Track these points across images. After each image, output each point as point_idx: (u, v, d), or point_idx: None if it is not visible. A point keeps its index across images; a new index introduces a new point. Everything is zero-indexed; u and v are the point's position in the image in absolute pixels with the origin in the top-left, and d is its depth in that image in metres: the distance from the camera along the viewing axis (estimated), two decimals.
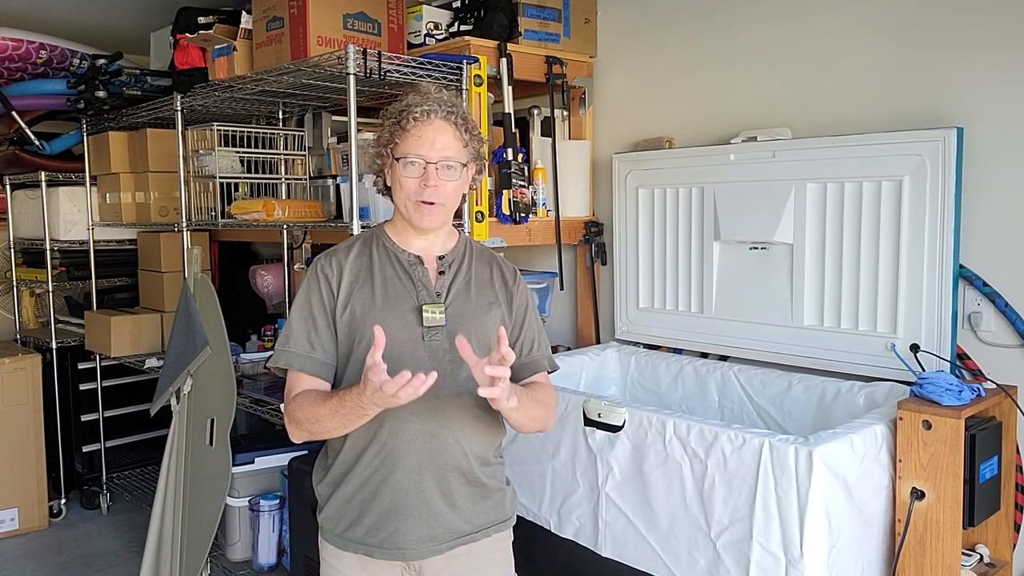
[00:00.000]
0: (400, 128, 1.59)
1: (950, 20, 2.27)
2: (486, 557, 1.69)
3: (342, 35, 2.66)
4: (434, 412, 1.59)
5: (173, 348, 3.15)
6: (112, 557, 3.61)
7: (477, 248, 1.77)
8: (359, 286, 1.63)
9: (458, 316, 1.64)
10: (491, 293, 1.70)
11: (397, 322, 1.60)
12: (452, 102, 1.63)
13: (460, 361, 1.59)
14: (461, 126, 1.62)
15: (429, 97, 1.61)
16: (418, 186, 1.59)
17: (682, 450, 1.95)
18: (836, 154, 2.36)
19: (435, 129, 1.59)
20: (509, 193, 2.76)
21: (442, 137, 1.59)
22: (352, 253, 1.67)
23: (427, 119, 1.58)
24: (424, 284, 1.64)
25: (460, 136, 1.62)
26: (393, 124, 1.61)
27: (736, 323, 2.65)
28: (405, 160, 1.59)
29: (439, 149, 1.59)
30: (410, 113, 1.59)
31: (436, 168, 1.59)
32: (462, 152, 1.62)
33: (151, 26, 3.84)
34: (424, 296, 1.63)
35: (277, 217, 2.93)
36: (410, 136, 1.59)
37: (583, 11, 3.08)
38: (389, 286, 1.63)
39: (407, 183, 1.60)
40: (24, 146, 4.08)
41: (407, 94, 1.64)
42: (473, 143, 1.65)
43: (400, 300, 1.62)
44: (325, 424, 1.53)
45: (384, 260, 1.66)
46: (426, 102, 1.60)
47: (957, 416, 1.82)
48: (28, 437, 3.88)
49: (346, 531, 1.64)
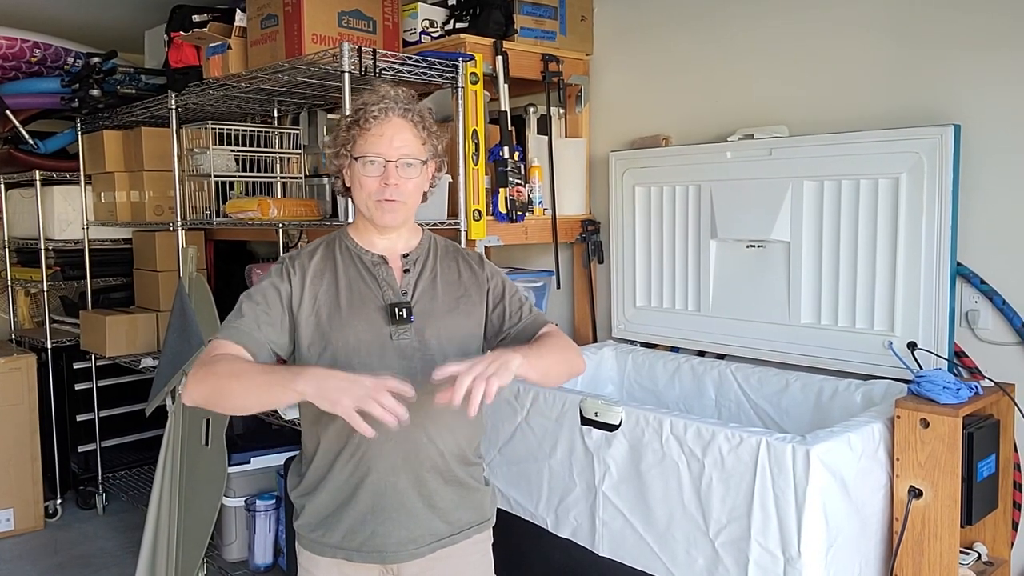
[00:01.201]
0: (358, 127, 1.58)
1: (947, 18, 2.27)
2: (466, 559, 1.68)
3: (337, 33, 2.65)
4: (406, 411, 1.57)
5: (169, 348, 3.14)
6: (108, 557, 3.60)
7: (441, 244, 1.76)
8: (324, 289, 1.61)
9: (426, 313, 1.63)
10: (459, 287, 1.69)
11: (364, 323, 1.59)
12: (409, 100, 1.61)
13: (430, 359, 1.59)
14: (419, 123, 1.61)
15: (385, 96, 1.59)
16: (378, 185, 1.58)
17: (679, 449, 1.95)
18: (833, 152, 2.35)
19: (393, 127, 1.57)
20: (505, 191, 2.76)
21: (400, 135, 1.58)
22: (316, 257, 1.66)
23: (385, 117, 1.57)
24: (389, 283, 1.63)
25: (418, 133, 1.60)
26: (350, 123, 1.60)
27: (733, 321, 2.64)
28: (364, 159, 1.58)
29: (398, 147, 1.57)
30: (367, 112, 1.57)
31: (396, 166, 1.57)
32: (421, 149, 1.61)
33: (145, 24, 3.83)
34: (390, 295, 1.62)
35: (272, 216, 2.92)
36: (368, 135, 1.57)
37: (579, 8, 3.07)
38: (354, 287, 1.62)
39: (367, 182, 1.58)
40: (18, 145, 4.07)
41: (361, 93, 1.63)
42: (431, 140, 1.63)
43: (366, 301, 1.61)
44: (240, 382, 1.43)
45: (348, 262, 1.65)
46: (382, 100, 1.58)
47: (955, 414, 1.81)
48: (23, 437, 3.87)
49: (323, 536, 1.63)
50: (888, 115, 2.36)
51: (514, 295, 1.75)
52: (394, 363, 1.58)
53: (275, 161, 3.49)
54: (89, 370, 4.10)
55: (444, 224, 2.61)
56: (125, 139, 3.80)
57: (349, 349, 1.58)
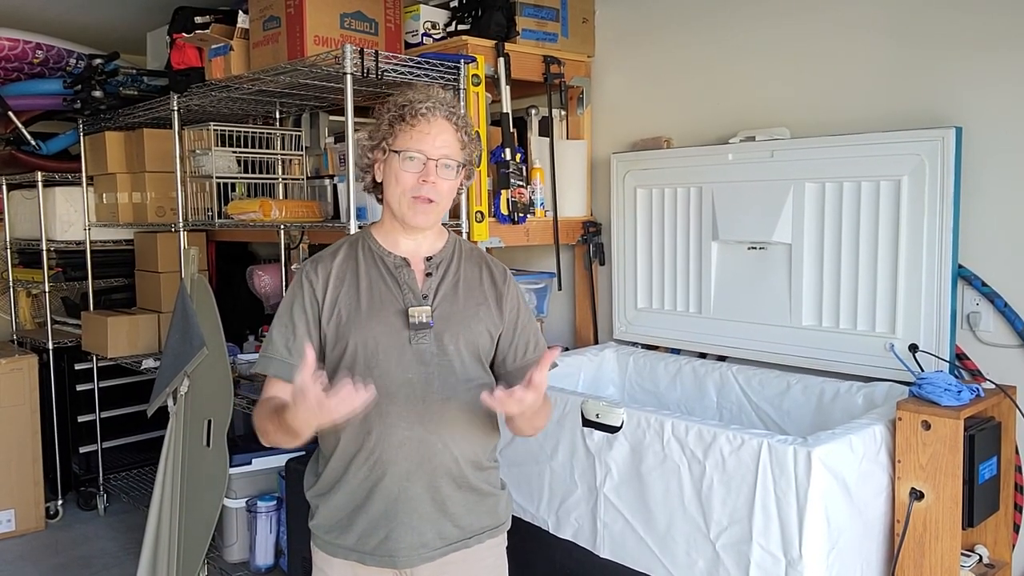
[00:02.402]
0: (402, 123, 1.58)
1: (948, 19, 2.27)
2: (479, 563, 1.68)
3: (339, 34, 2.65)
4: (421, 417, 1.57)
5: (170, 349, 3.14)
6: (109, 558, 3.60)
7: (467, 248, 1.75)
8: (344, 291, 1.62)
9: (445, 318, 1.62)
10: (480, 294, 1.68)
11: (382, 326, 1.58)
12: (454, 103, 1.63)
13: (449, 364, 1.59)
14: (461, 128, 1.62)
15: (433, 96, 1.61)
16: (416, 181, 1.57)
17: (680, 451, 1.95)
18: (834, 154, 2.35)
19: (438, 126, 1.58)
20: (507, 193, 2.76)
21: (443, 135, 1.59)
22: (338, 258, 1.66)
23: (432, 115, 1.58)
24: (410, 287, 1.62)
25: (460, 137, 1.62)
26: (394, 118, 1.59)
27: (734, 323, 2.64)
28: (405, 153, 1.57)
29: (440, 146, 1.58)
30: (414, 108, 1.57)
31: (436, 165, 1.58)
32: (460, 153, 1.62)
33: (148, 26, 3.84)
34: (410, 299, 1.61)
35: (274, 217, 2.92)
36: (413, 131, 1.57)
37: (581, 10, 3.07)
38: (374, 290, 1.62)
39: (405, 177, 1.58)
40: (20, 146, 4.08)
41: (405, 91, 1.63)
42: (469, 147, 1.64)
43: (385, 304, 1.60)
44: (274, 437, 1.53)
45: (370, 263, 1.65)
46: (429, 99, 1.59)
47: (956, 416, 1.81)
48: (25, 438, 3.87)
49: (337, 538, 1.63)
50: (889, 117, 2.36)
51: (527, 327, 1.73)
52: (412, 367, 1.57)
53: (277, 162, 3.50)
54: (90, 371, 4.10)
55: (446, 226, 2.60)
56: (127, 140, 3.81)
57: (368, 352, 1.58)
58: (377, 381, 1.53)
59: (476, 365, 1.65)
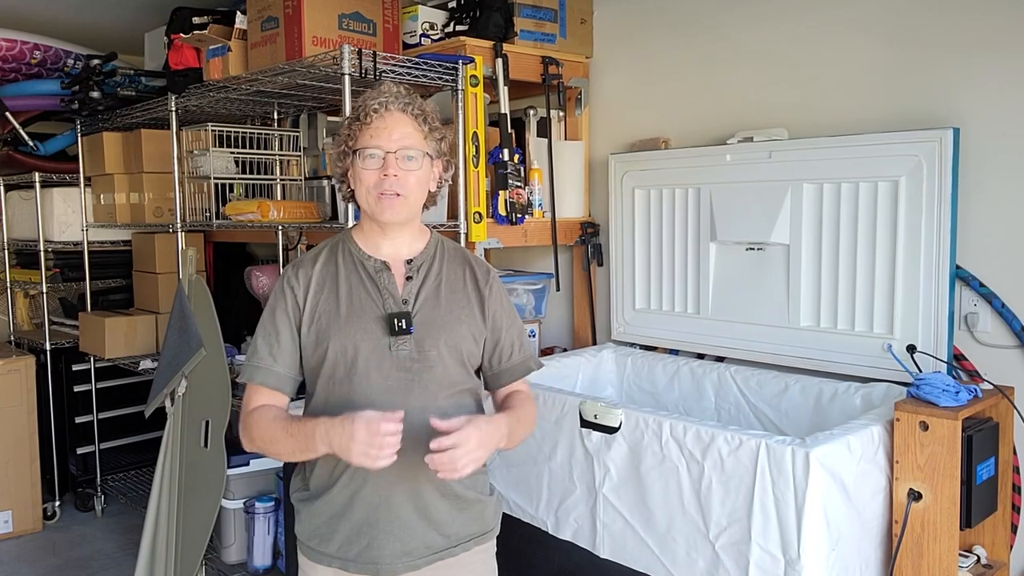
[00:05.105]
0: (359, 123, 1.57)
1: (946, 21, 2.27)
2: (465, 570, 1.66)
3: (337, 35, 2.65)
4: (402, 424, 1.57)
5: (168, 349, 3.14)
6: (106, 560, 3.59)
7: (450, 248, 1.72)
8: (325, 296, 1.60)
9: (427, 323, 1.60)
10: (463, 296, 1.66)
11: (362, 332, 1.57)
12: (409, 95, 1.61)
13: (430, 369, 1.58)
14: (419, 117, 1.59)
15: (386, 91, 1.59)
16: (378, 177, 1.56)
17: (679, 451, 1.95)
18: (832, 154, 2.35)
19: (393, 120, 1.57)
20: (505, 194, 2.76)
21: (400, 128, 1.57)
22: (319, 263, 1.64)
23: (385, 111, 1.56)
24: (390, 292, 1.60)
25: (419, 127, 1.59)
26: (351, 120, 1.59)
27: (733, 324, 2.64)
28: (364, 151, 1.56)
29: (397, 139, 1.56)
30: (367, 107, 1.57)
31: (395, 157, 1.56)
32: (422, 143, 1.59)
33: (145, 26, 3.83)
34: (391, 304, 1.59)
35: (272, 218, 2.92)
36: (369, 129, 1.56)
37: (579, 11, 3.07)
38: (354, 295, 1.60)
39: (366, 175, 1.57)
40: (18, 147, 4.07)
41: (364, 94, 1.63)
42: (434, 135, 1.62)
43: (366, 310, 1.59)
44: (277, 447, 1.53)
45: (350, 268, 1.63)
46: (382, 95, 1.58)
47: (954, 417, 1.82)
48: (22, 439, 3.86)
49: (319, 545, 1.62)
50: (887, 118, 2.36)
51: (511, 328, 1.71)
52: (392, 374, 1.56)
53: (275, 163, 3.50)
54: (88, 372, 4.09)
55: (444, 226, 2.61)
56: (125, 141, 3.80)
57: (347, 358, 1.56)
58: (356, 388, 1.53)
59: (459, 369, 1.63)
